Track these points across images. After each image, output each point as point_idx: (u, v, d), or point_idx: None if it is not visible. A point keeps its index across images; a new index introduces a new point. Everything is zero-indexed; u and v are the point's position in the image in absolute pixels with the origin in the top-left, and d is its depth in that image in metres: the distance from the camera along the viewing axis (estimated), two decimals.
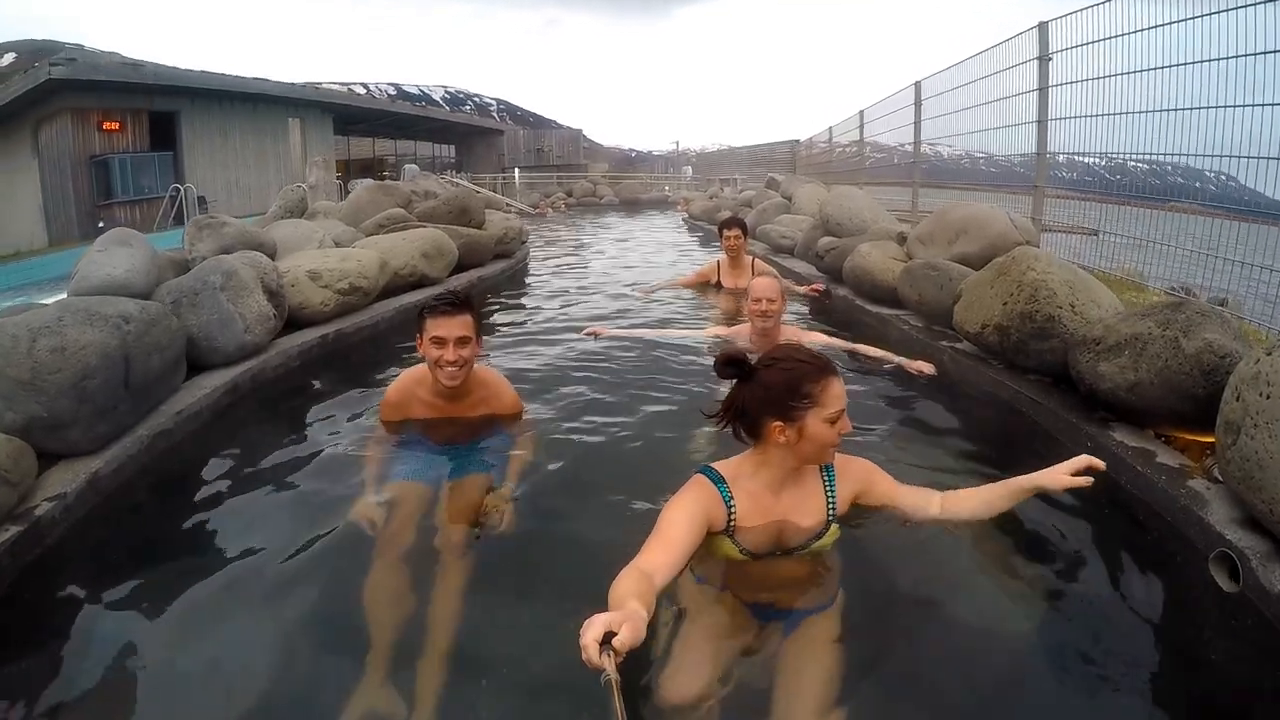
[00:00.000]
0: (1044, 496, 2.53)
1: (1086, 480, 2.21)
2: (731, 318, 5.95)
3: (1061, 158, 6.34)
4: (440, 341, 2.93)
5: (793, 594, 2.25)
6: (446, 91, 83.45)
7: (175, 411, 3.56)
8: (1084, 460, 2.24)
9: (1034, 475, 2.28)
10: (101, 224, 20.57)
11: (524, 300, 7.42)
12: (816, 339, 4.61)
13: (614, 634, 1.38)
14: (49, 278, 4.51)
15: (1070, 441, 3.14)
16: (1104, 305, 3.62)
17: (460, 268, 7.82)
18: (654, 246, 12.95)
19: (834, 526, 2.27)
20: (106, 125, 21.88)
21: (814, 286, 6.78)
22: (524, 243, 10.84)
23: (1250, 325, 4.12)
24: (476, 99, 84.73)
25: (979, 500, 2.36)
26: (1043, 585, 2.37)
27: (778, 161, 21.77)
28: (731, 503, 2.17)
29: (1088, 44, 5.52)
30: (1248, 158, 4.08)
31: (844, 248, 6.82)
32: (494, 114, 72.95)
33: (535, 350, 5.11)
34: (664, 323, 5.93)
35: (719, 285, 6.87)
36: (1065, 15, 5.73)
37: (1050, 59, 6.04)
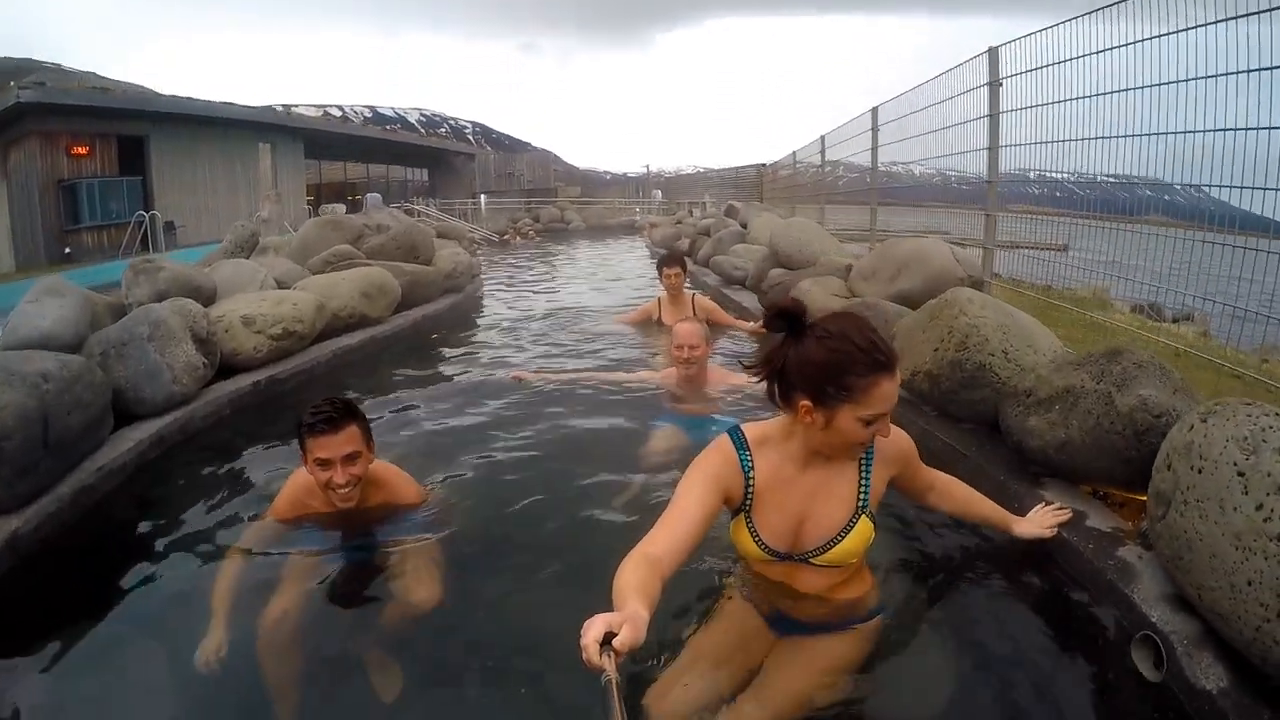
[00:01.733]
0: (986, 561, 2.63)
1: (1051, 532, 2.48)
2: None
3: (1033, 174, 6.24)
4: (325, 463, 2.61)
5: (812, 605, 2.14)
6: (422, 115, 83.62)
7: (98, 467, 3.52)
8: (1058, 516, 2.54)
9: (1008, 516, 2.53)
10: (68, 250, 20.41)
11: (470, 340, 7.26)
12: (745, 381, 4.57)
13: (614, 634, 1.36)
14: (13, 305, 4.51)
15: (998, 501, 2.83)
16: (1041, 350, 3.41)
17: (406, 305, 7.68)
18: (620, 277, 12.87)
19: (864, 522, 2.07)
20: (75, 149, 21.75)
21: (759, 325, 6.57)
22: (475, 276, 10.69)
23: (1218, 343, 4.06)
24: (452, 122, 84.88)
25: (959, 509, 2.49)
26: (963, 674, 2.22)
27: (745, 185, 21.80)
28: (751, 473, 2.03)
29: (1038, 69, 5.35)
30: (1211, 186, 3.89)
31: (786, 284, 6.69)
32: (469, 137, 73.15)
33: (468, 399, 4.98)
34: (604, 364, 5.80)
35: (660, 323, 6.72)
36: (1016, 39, 5.60)
37: (1001, 84, 5.89)
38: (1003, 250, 6.12)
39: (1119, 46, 4.47)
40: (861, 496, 2.07)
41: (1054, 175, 6.14)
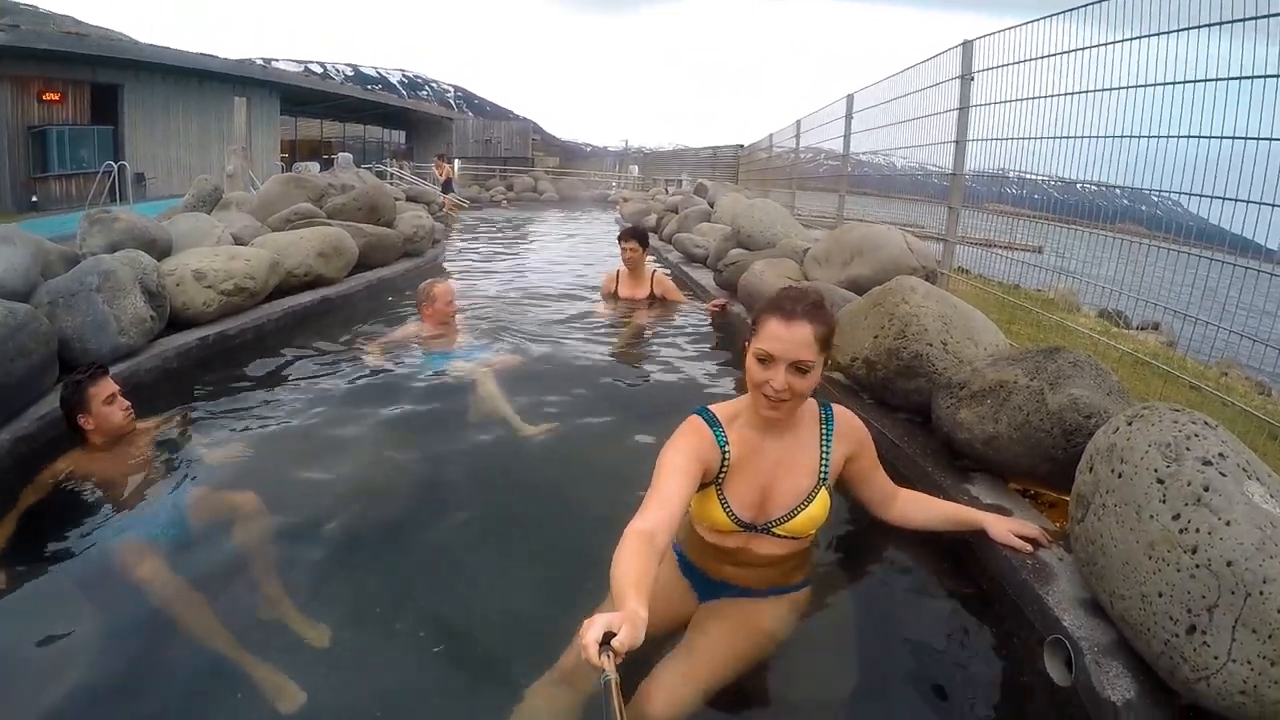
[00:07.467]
0: (910, 552, 2.62)
1: (1027, 547, 2.34)
2: (624, 328, 6.11)
3: (1012, 174, 6.19)
4: (112, 398, 3.24)
5: (751, 574, 2.25)
6: (405, 76, 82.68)
7: (39, 415, 3.52)
8: (1036, 530, 2.39)
9: (983, 515, 2.45)
10: (35, 198, 19.89)
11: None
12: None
13: (613, 634, 1.39)
14: None
15: (927, 491, 2.78)
16: (982, 344, 3.39)
17: (364, 266, 7.68)
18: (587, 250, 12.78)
19: (823, 493, 2.21)
20: (47, 96, 21.05)
21: (715, 303, 6.73)
22: (437, 242, 10.68)
23: (1180, 355, 4.05)
24: (435, 85, 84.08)
25: (931, 514, 2.46)
26: (872, 660, 2.27)
27: (723, 165, 21.71)
28: (726, 446, 2.15)
29: (1011, 64, 5.33)
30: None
31: (741, 264, 6.67)
32: (451, 101, 72.45)
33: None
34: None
35: (616, 295, 6.79)
36: (990, 34, 5.58)
37: (973, 78, 5.89)
38: (973, 247, 6.14)
39: (1091, 47, 4.45)
40: (822, 469, 2.21)
41: (1031, 177, 6.08)
